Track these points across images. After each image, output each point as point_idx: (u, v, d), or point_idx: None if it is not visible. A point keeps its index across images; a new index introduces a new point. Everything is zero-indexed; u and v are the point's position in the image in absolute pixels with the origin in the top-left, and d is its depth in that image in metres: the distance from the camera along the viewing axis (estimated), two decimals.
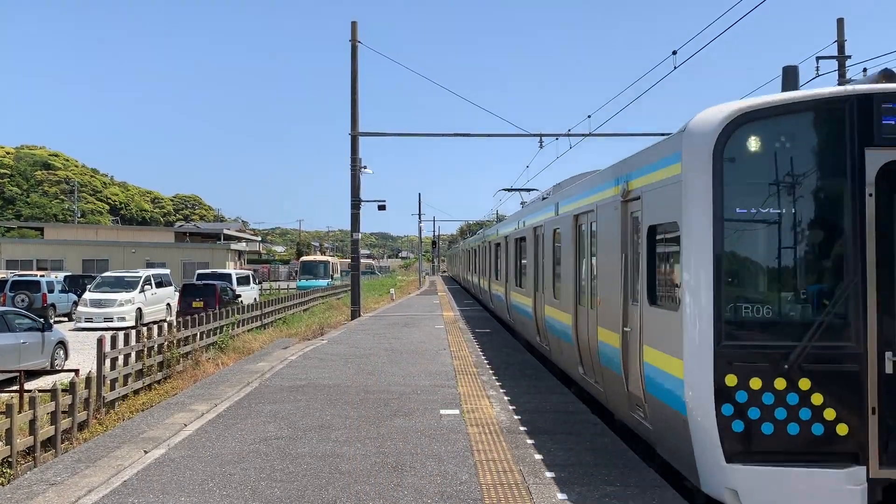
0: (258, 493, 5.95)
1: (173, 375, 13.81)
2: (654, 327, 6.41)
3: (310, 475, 6.42)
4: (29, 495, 6.05)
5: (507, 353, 14.84)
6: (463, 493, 5.87)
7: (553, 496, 5.81)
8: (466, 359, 13.72)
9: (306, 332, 20.96)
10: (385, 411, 9.06)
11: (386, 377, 11.64)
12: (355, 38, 24.34)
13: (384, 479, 6.29)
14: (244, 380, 11.63)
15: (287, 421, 8.60)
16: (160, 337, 13.75)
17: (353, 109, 24.32)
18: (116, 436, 8.19)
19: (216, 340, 17.03)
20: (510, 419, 8.57)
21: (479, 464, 6.71)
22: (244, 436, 7.89)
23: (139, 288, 27.58)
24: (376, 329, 19.97)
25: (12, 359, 14.23)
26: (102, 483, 6.31)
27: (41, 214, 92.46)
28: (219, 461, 6.90)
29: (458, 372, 12.10)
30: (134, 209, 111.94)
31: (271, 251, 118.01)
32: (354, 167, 24.38)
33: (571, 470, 6.53)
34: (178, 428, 8.34)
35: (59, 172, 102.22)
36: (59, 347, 16.32)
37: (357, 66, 24.44)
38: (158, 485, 6.20)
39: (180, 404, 9.83)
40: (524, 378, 11.59)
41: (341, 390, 10.55)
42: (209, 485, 6.18)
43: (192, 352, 15.12)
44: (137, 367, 12.61)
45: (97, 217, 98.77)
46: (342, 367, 12.76)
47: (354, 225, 24.77)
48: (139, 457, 7.15)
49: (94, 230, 71.54)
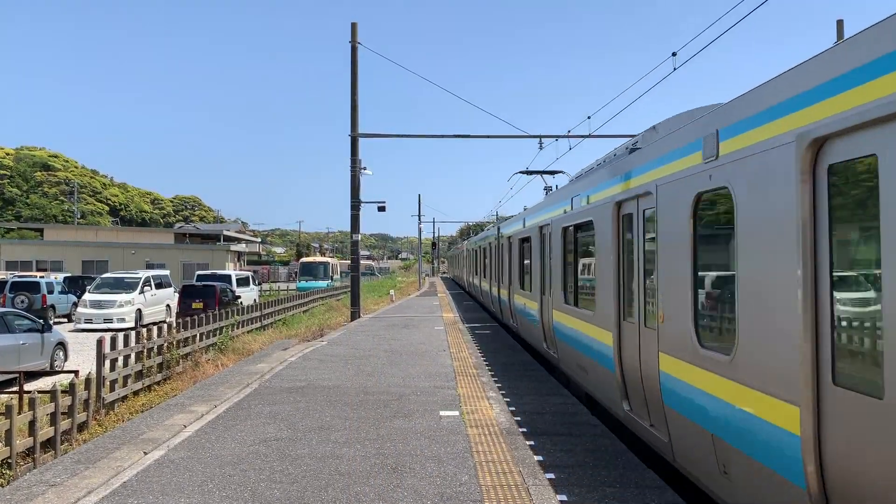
0: (257, 494, 5.95)
1: (173, 377, 13.81)
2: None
3: (309, 476, 6.42)
4: (28, 496, 6.05)
5: (507, 354, 14.83)
6: (463, 495, 5.87)
7: (552, 497, 5.81)
8: (466, 360, 13.71)
9: (306, 333, 20.97)
10: (385, 413, 9.06)
11: (385, 378, 11.64)
12: (355, 40, 24.35)
13: (384, 480, 6.29)
14: (244, 381, 11.62)
15: (287, 422, 8.59)
16: (160, 338, 13.75)
17: (353, 111, 24.33)
18: (116, 437, 8.18)
19: (216, 341, 17.03)
20: (510, 421, 8.57)
21: (478, 465, 6.71)
22: (244, 437, 7.89)
23: (139, 289, 27.57)
24: (376, 330, 19.97)
25: (12, 360, 14.23)
26: (102, 484, 6.31)
27: (41, 215, 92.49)
28: (218, 462, 6.90)
29: (458, 373, 12.10)
30: (134, 210, 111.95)
31: (271, 252, 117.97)
32: (354, 168, 24.38)
33: (571, 471, 6.53)
34: (177, 429, 8.34)
35: (58, 173, 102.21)
36: (58, 348, 16.32)
37: (357, 67, 24.45)
38: (158, 486, 6.20)
39: (180, 405, 9.83)
40: (524, 379, 11.59)
41: (341, 391, 10.54)
42: (208, 486, 6.18)
43: (192, 353, 15.12)
44: (137, 369, 12.61)
45: (97, 218, 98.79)
46: (342, 369, 12.76)
47: (354, 226, 24.78)
48: (138, 458, 7.15)
49: (94, 231, 71.51)
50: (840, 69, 3.78)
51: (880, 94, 3.45)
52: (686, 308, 5.73)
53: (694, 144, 5.64)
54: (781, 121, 4.33)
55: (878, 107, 3.44)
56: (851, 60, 3.70)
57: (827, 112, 3.86)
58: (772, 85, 4.54)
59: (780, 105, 4.34)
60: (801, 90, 4.13)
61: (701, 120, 5.62)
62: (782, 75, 4.44)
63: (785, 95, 4.31)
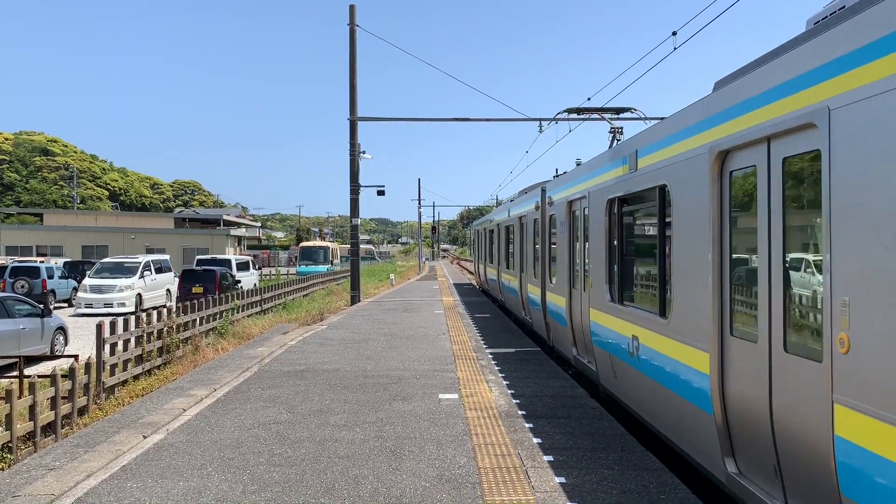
0: (257, 477, 5.97)
1: (173, 361, 13.82)
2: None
3: (308, 459, 6.43)
4: (28, 480, 6.07)
5: (507, 338, 14.84)
6: (461, 477, 5.89)
7: (551, 479, 5.82)
8: (465, 343, 13.72)
9: (306, 317, 20.98)
10: (384, 396, 9.07)
11: (385, 362, 11.65)
12: (353, 22, 24.18)
13: (383, 462, 6.30)
14: (243, 365, 11.64)
15: (286, 406, 8.61)
16: (160, 322, 13.76)
17: (352, 94, 24.20)
18: (116, 421, 8.20)
19: (216, 326, 17.04)
20: (509, 403, 8.58)
21: (477, 448, 6.72)
22: (243, 421, 7.91)
23: (139, 274, 27.58)
24: (376, 314, 19.98)
25: (12, 345, 14.25)
26: (101, 468, 6.32)
27: (40, 200, 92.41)
28: (218, 446, 6.91)
29: (457, 357, 12.11)
30: (133, 195, 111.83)
31: (271, 237, 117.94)
32: (353, 152, 24.31)
33: (569, 454, 6.54)
34: (177, 413, 8.36)
35: (57, 158, 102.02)
36: (58, 333, 16.34)
37: (355, 50, 24.31)
38: (157, 469, 6.22)
39: (179, 389, 9.85)
40: (523, 363, 11.60)
41: (340, 375, 10.56)
42: (208, 469, 6.19)
43: (192, 337, 15.14)
44: (137, 353, 12.62)
45: (96, 203, 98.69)
46: (341, 352, 12.78)
47: (353, 210, 24.74)
48: (138, 442, 7.17)
49: (94, 216, 71.47)
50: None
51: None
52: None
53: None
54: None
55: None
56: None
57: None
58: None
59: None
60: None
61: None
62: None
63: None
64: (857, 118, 3.64)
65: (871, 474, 3.49)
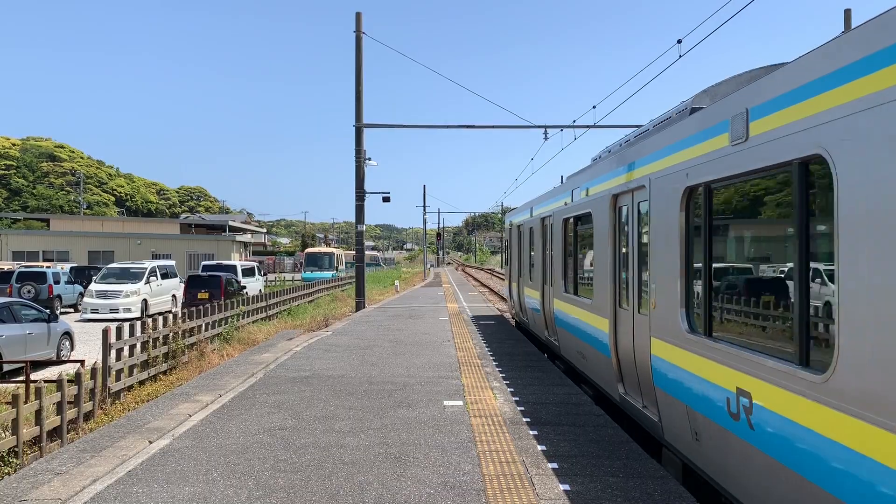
0: (262, 482, 5.98)
1: (178, 366, 13.87)
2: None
3: (313, 465, 6.44)
4: (35, 484, 6.10)
5: (511, 344, 14.84)
6: (466, 484, 5.89)
7: (555, 487, 5.82)
8: (470, 350, 13.73)
9: (311, 323, 21.03)
10: (389, 402, 9.08)
11: (390, 368, 11.66)
12: (360, 30, 24.29)
13: (387, 469, 6.31)
14: (249, 371, 11.67)
15: (291, 411, 8.63)
16: (165, 328, 13.80)
17: (358, 101, 24.30)
18: (121, 426, 8.23)
19: (221, 331, 17.09)
20: (513, 410, 8.59)
21: (481, 454, 6.73)
22: (248, 426, 7.93)
23: (144, 279, 27.66)
24: (381, 320, 20.00)
25: (19, 349, 14.32)
26: (107, 473, 6.35)
27: (47, 206, 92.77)
28: (223, 451, 6.93)
29: (462, 363, 12.12)
30: (139, 201, 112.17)
31: (276, 243, 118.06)
32: (359, 159, 24.39)
33: (574, 461, 6.54)
34: (182, 418, 8.38)
35: (64, 164, 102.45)
36: (64, 338, 16.40)
37: (361, 57, 24.41)
38: (163, 475, 6.24)
39: (185, 395, 9.88)
40: (528, 370, 11.60)
41: (345, 381, 10.58)
42: (213, 475, 6.21)
43: (197, 343, 15.18)
44: (143, 358, 12.67)
45: (103, 209, 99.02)
46: (346, 359, 12.79)
47: (359, 217, 24.80)
48: (144, 447, 7.19)
49: (100, 222, 71.68)
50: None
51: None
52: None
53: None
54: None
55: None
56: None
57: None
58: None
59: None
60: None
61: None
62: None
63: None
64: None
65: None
